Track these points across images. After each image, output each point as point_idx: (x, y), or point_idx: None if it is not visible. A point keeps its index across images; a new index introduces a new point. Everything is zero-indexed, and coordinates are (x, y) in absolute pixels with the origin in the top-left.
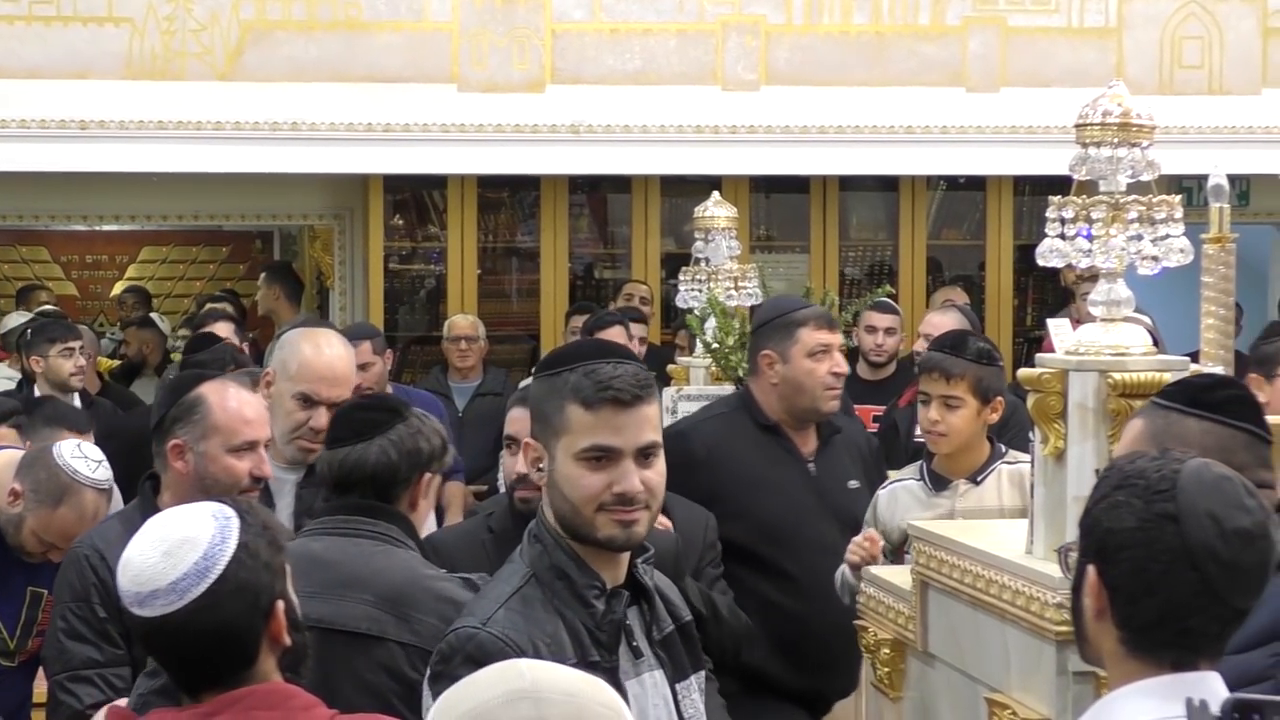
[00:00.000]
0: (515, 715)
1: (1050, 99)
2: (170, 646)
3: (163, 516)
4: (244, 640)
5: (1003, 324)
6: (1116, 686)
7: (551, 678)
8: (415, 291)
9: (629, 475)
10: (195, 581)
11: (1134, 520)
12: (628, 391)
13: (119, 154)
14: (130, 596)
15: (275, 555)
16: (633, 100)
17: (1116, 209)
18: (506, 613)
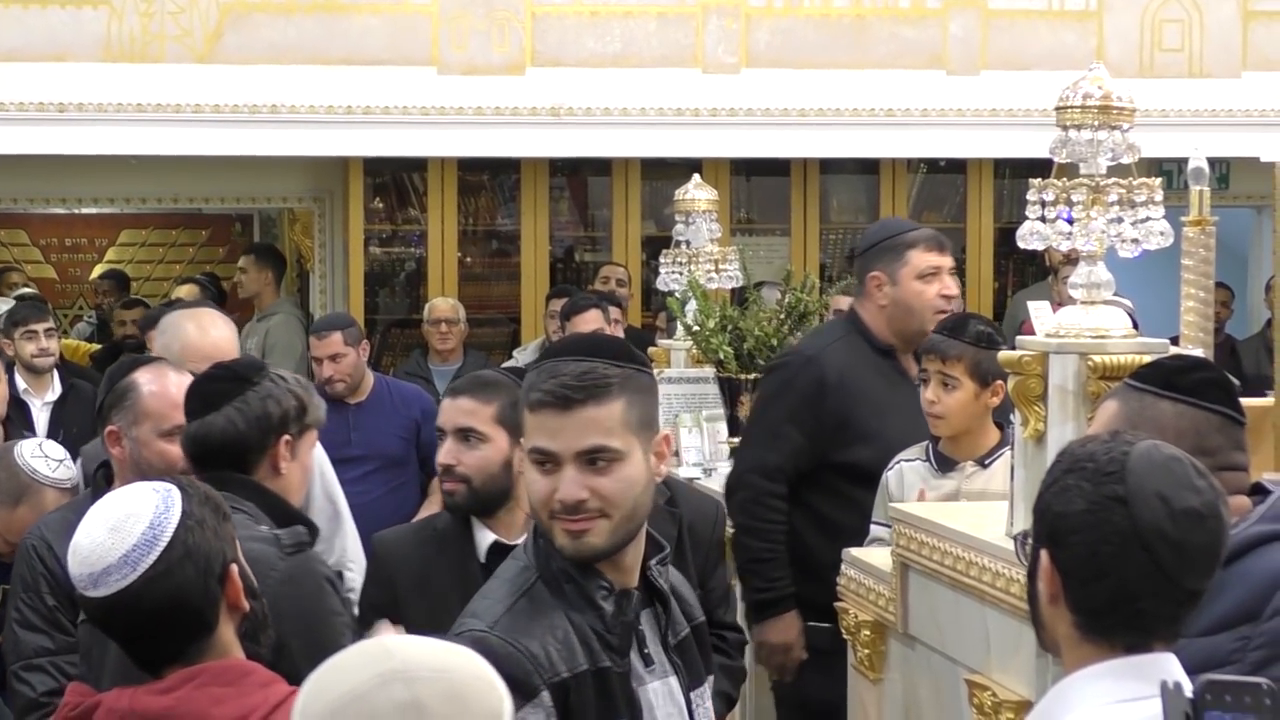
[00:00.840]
0: (389, 697)
1: (1030, 82)
2: (128, 623)
3: (104, 500)
4: (201, 606)
5: (983, 306)
6: (1072, 671)
7: (421, 655)
8: (395, 274)
9: (567, 482)
10: (145, 551)
11: (1083, 503)
12: (560, 393)
13: (98, 136)
14: (84, 580)
15: (221, 522)
16: (613, 83)
17: (1097, 191)
18: (513, 616)
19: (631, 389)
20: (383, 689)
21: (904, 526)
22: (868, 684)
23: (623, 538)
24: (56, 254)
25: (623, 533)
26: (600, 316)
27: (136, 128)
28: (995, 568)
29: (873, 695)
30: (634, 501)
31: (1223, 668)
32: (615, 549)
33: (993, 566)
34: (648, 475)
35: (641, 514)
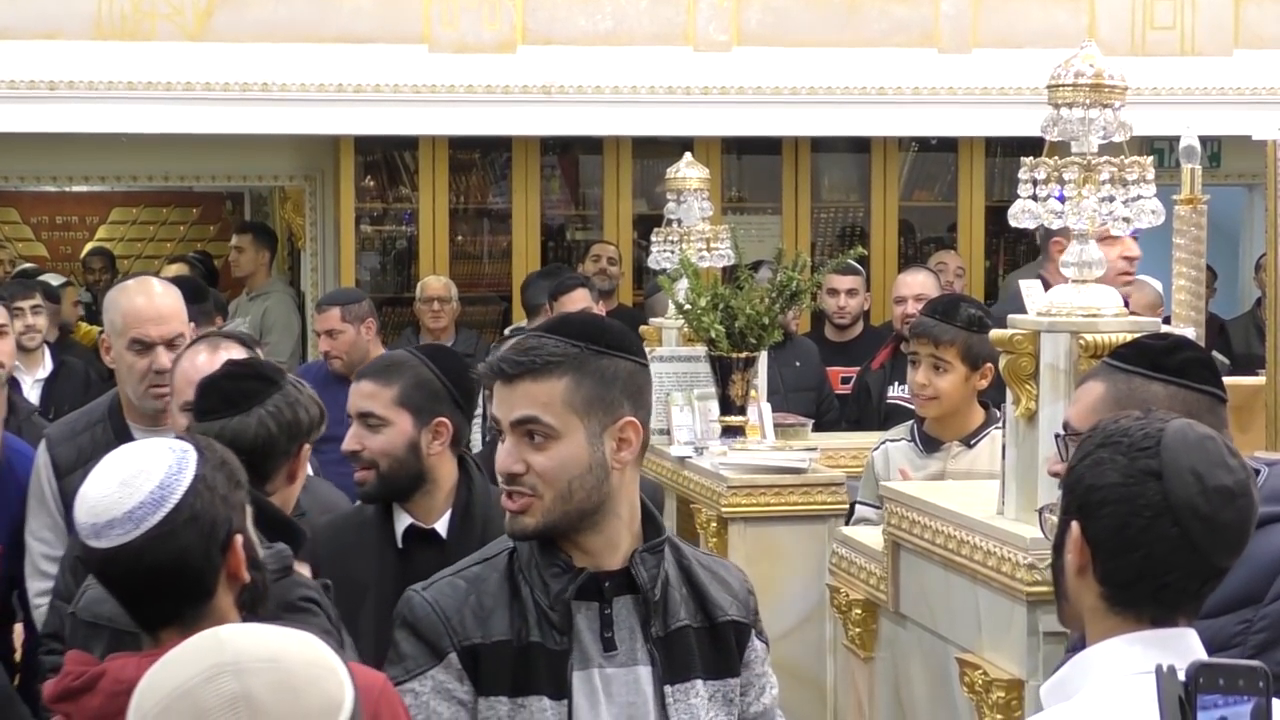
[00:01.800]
0: (217, 691)
1: (1022, 60)
2: (126, 578)
3: (119, 451)
4: (201, 572)
5: (974, 285)
6: (1096, 642)
7: (254, 644)
8: (387, 253)
9: (503, 452)
10: (151, 510)
11: (1117, 476)
12: (498, 366)
13: (89, 115)
14: (87, 529)
15: (233, 490)
16: (604, 61)
17: (1089, 170)
18: (452, 580)
19: (583, 370)
20: (210, 683)
21: (895, 505)
22: (859, 662)
23: (560, 520)
24: (47, 232)
25: (558, 515)
26: (588, 295)
27: (128, 106)
28: (987, 547)
29: (864, 673)
30: (569, 484)
31: (1225, 650)
32: (551, 531)
33: (984, 545)
34: (591, 459)
35: (581, 499)
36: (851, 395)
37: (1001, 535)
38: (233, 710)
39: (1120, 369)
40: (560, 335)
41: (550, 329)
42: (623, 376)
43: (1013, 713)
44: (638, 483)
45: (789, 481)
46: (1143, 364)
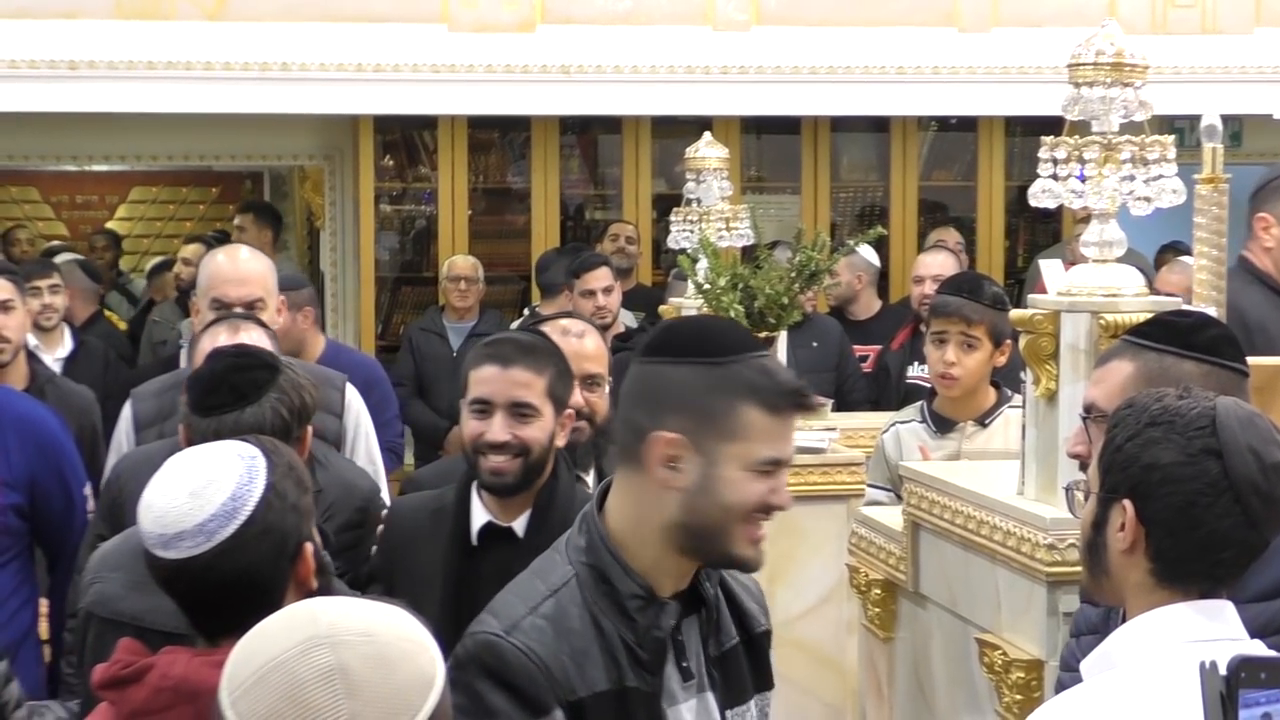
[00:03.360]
0: (312, 664)
1: (1043, 39)
2: (193, 590)
3: (184, 456)
4: (269, 584)
5: (994, 265)
6: (1139, 615)
7: (348, 618)
8: (406, 232)
9: (785, 486)
10: (223, 523)
11: (1176, 455)
12: (807, 398)
13: (108, 94)
14: (154, 539)
15: (301, 496)
16: (624, 40)
17: (1109, 149)
18: (535, 621)
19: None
20: (306, 655)
21: (915, 485)
22: (878, 642)
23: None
24: (67, 211)
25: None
26: (610, 274)
27: (147, 85)
28: (1006, 527)
29: (883, 654)
30: None
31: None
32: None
33: (1004, 526)
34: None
35: None
36: (871, 375)
37: (1021, 515)
38: (328, 682)
39: (1149, 347)
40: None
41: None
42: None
43: (1032, 693)
44: None
45: (808, 461)
46: (1172, 342)
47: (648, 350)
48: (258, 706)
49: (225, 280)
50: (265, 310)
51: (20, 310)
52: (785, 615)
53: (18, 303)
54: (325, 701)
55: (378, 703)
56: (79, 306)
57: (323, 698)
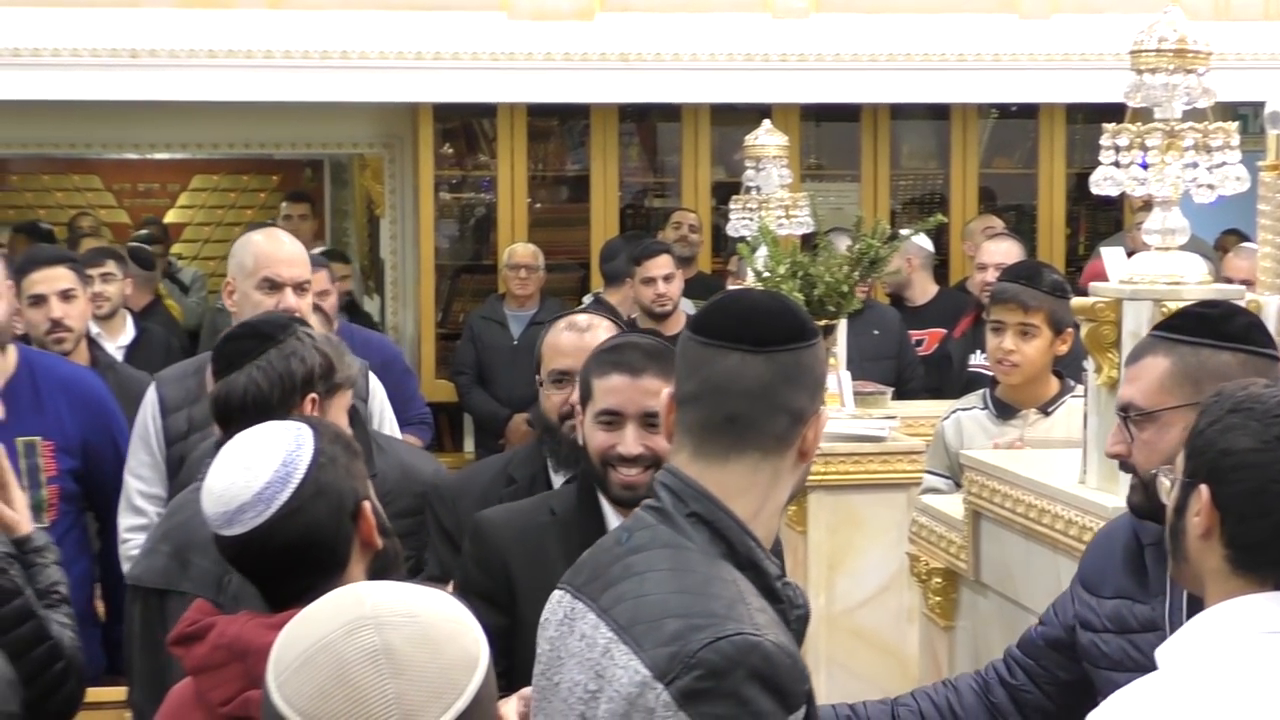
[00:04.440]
0: (358, 645)
1: (1104, 25)
2: (262, 559)
3: (235, 441)
4: (334, 543)
5: (1055, 253)
6: (1217, 603)
7: (392, 600)
8: (465, 220)
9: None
10: (279, 489)
11: (1252, 441)
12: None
13: (170, 82)
14: (218, 519)
15: (352, 460)
16: (683, 28)
17: (1172, 136)
18: (766, 618)
19: None
20: (351, 636)
21: (976, 474)
22: (939, 631)
23: None
24: (129, 199)
25: None
26: (670, 261)
27: (208, 73)
28: (1068, 515)
29: (944, 642)
30: None
31: None
32: None
33: (1065, 514)
34: None
35: None
36: (932, 363)
37: (1083, 504)
38: (373, 663)
39: (1182, 341)
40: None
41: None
42: None
43: None
44: None
45: (868, 450)
46: (1206, 334)
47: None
48: (305, 688)
49: (278, 260)
50: (309, 293)
51: (81, 299)
52: (845, 604)
53: (79, 291)
54: (371, 681)
55: (423, 682)
56: (136, 295)
57: (369, 677)
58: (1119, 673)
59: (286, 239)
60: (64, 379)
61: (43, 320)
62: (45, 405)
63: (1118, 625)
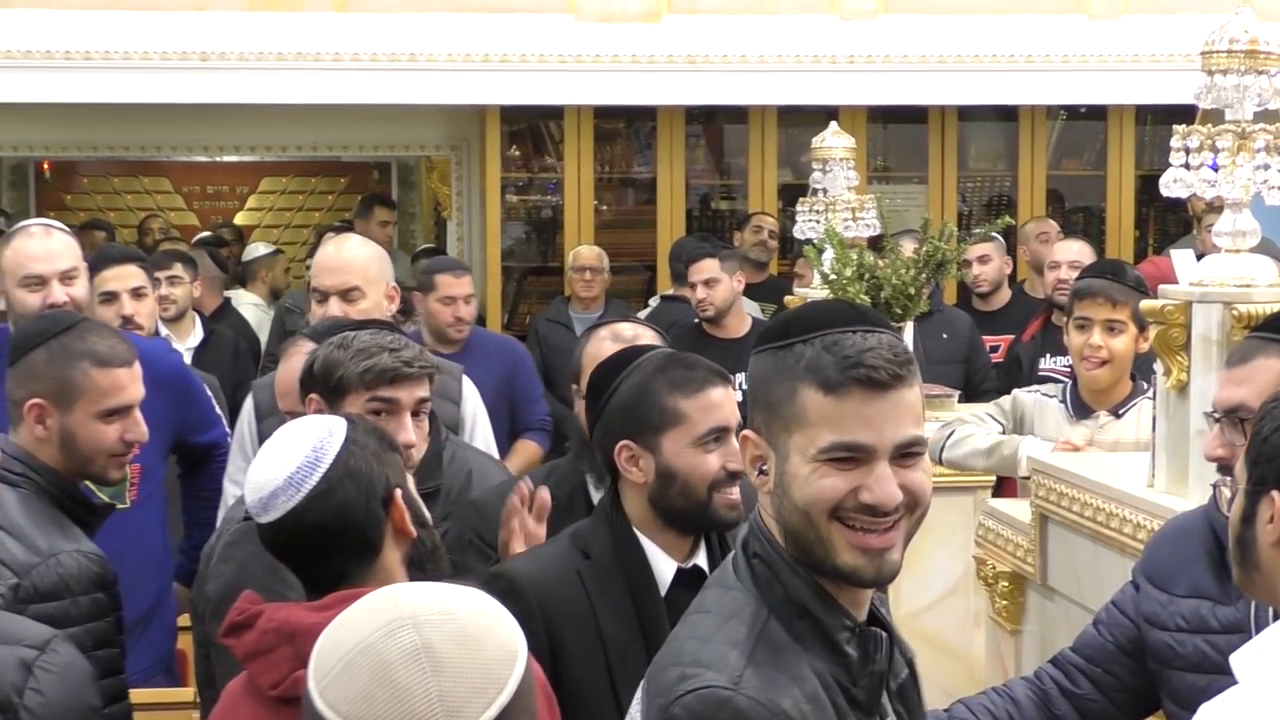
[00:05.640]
0: (398, 645)
1: (1175, 26)
2: (296, 542)
3: (274, 435)
4: (364, 526)
5: (1123, 255)
6: None
7: (428, 599)
8: (532, 222)
9: (883, 479)
10: (309, 472)
11: None
12: (884, 370)
13: (239, 85)
14: (256, 506)
15: (385, 450)
16: (750, 30)
17: (1243, 138)
18: (757, 669)
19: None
20: (391, 637)
21: (1043, 478)
22: (1006, 635)
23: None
24: (199, 201)
25: (906, 542)
26: (717, 266)
27: (277, 76)
28: (1137, 519)
29: (1010, 646)
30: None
31: None
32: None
33: (1134, 518)
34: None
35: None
36: (1002, 368)
37: (1151, 508)
38: (415, 662)
39: None
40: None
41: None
42: None
43: None
44: None
45: None
46: None
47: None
48: (348, 691)
49: (323, 270)
50: (364, 299)
51: (151, 298)
52: (911, 607)
53: (149, 290)
54: (414, 680)
55: (464, 678)
56: (208, 296)
57: (411, 677)
58: (1196, 674)
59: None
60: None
61: (114, 317)
62: None
63: (1195, 625)
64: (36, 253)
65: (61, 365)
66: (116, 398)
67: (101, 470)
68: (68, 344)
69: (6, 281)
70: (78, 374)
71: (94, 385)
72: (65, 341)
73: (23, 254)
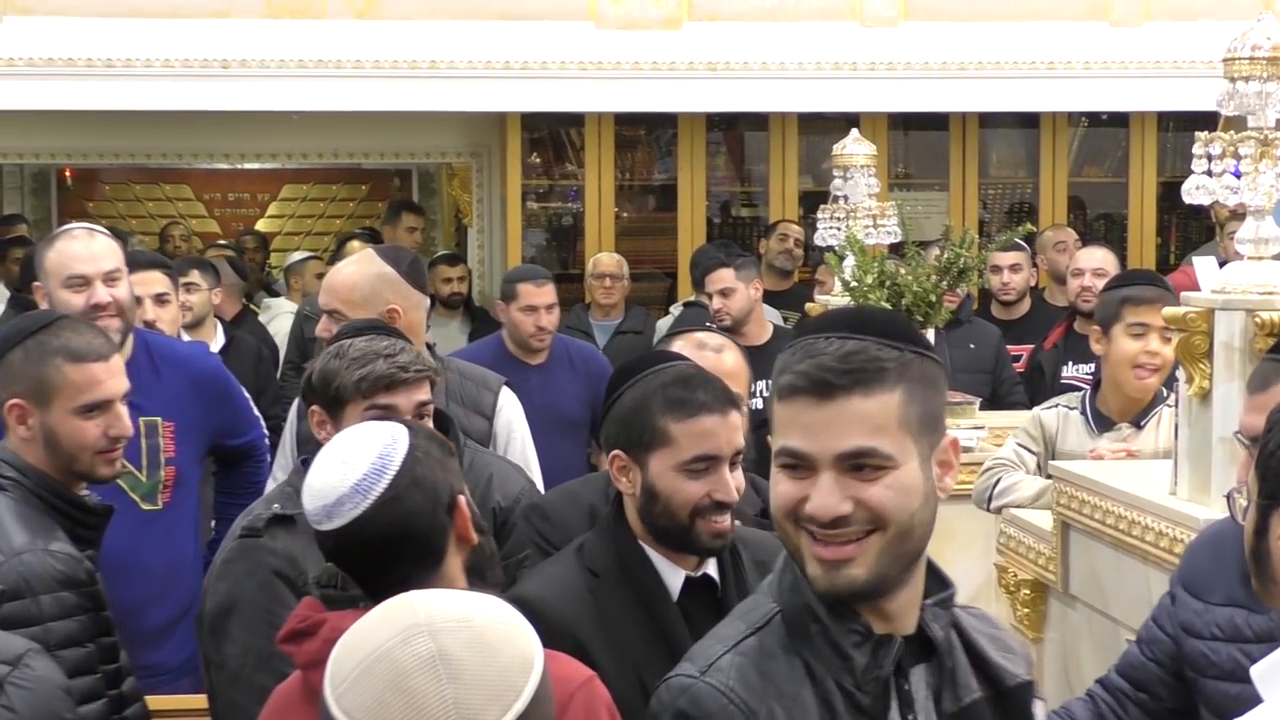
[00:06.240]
0: (414, 652)
1: (1196, 33)
2: (360, 551)
3: (334, 440)
4: (429, 534)
5: (1145, 262)
6: None
7: (445, 606)
8: (552, 229)
9: (821, 490)
10: (375, 480)
11: None
12: (818, 375)
13: (260, 92)
14: (318, 514)
15: (447, 457)
16: (770, 37)
17: (1265, 145)
18: (735, 659)
19: (912, 378)
20: (407, 644)
21: (1065, 485)
22: (1027, 643)
23: (893, 569)
24: (220, 208)
25: (891, 561)
26: (732, 275)
27: (298, 84)
28: (1159, 527)
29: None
30: (911, 519)
31: None
32: (882, 583)
33: (1156, 526)
34: (925, 489)
35: (920, 538)
36: (1025, 374)
37: (1174, 515)
38: (431, 669)
39: None
40: (875, 335)
41: (857, 326)
42: (940, 383)
43: None
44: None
45: None
46: None
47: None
48: (364, 699)
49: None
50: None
51: (174, 304)
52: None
53: (172, 296)
54: (429, 688)
55: (480, 686)
56: (227, 303)
57: (426, 684)
58: (1229, 683)
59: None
60: (182, 359)
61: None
62: (165, 386)
63: (1230, 634)
64: (80, 254)
65: (37, 363)
66: (93, 393)
67: (89, 468)
68: (43, 341)
69: (50, 283)
70: (52, 371)
71: (69, 381)
72: (40, 339)
73: (66, 255)
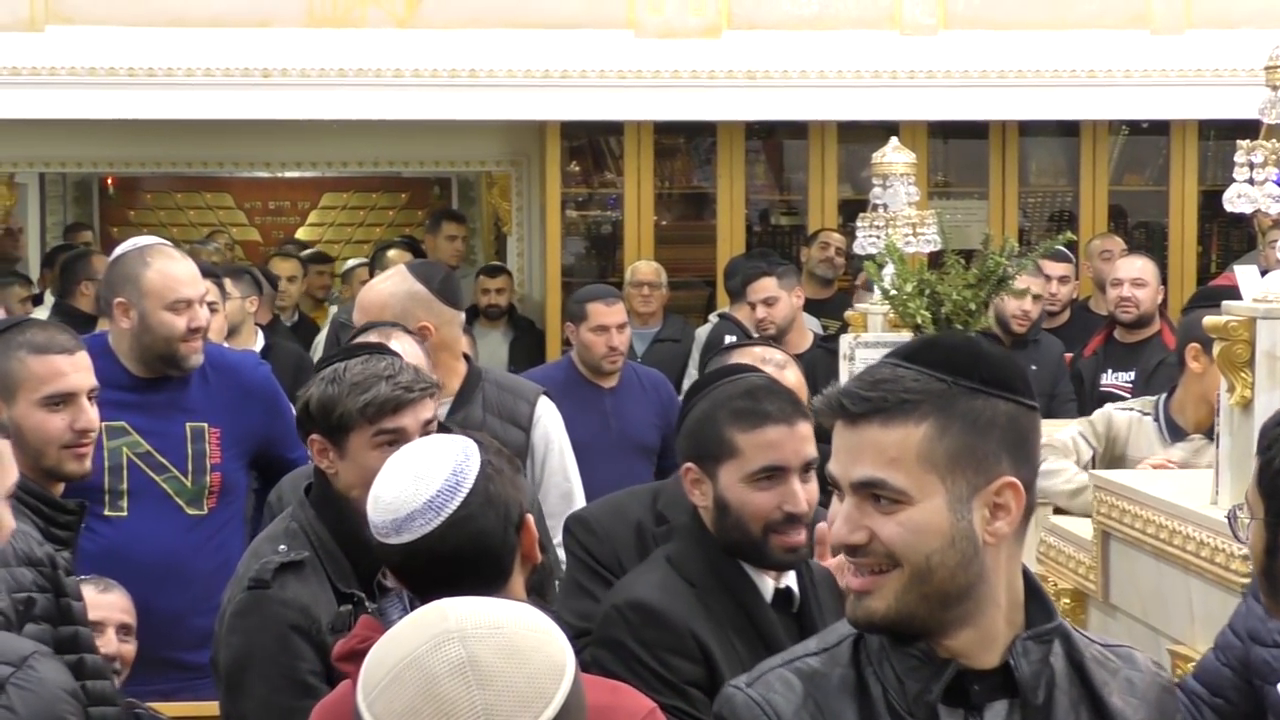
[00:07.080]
0: (444, 658)
1: (1238, 41)
2: (428, 568)
3: (401, 453)
4: (499, 553)
5: (1186, 271)
6: None
7: (476, 613)
8: (592, 237)
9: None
10: (449, 497)
11: None
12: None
13: (300, 101)
14: (386, 527)
15: (516, 474)
16: (810, 45)
17: None
18: (783, 674)
19: (949, 412)
20: (437, 651)
21: (1105, 494)
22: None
23: (918, 606)
24: (260, 216)
25: (915, 599)
26: (775, 284)
27: (338, 92)
28: (1200, 537)
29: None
30: (928, 559)
31: None
32: (907, 619)
33: (1198, 535)
34: (954, 529)
35: (944, 579)
36: None
37: (1215, 525)
38: (461, 675)
39: None
40: (922, 364)
41: (910, 355)
42: (1001, 423)
43: None
44: (1020, 560)
45: None
46: None
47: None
48: (394, 705)
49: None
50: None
51: (220, 313)
52: None
53: (220, 305)
54: (459, 694)
55: (510, 692)
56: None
57: (456, 690)
58: None
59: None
60: (232, 366)
61: None
62: (214, 393)
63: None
64: (184, 277)
65: (1, 359)
66: (55, 384)
67: (56, 463)
68: (8, 339)
69: (148, 302)
70: (14, 363)
71: (31, 373)
72: (6, 337)
73: (171, 278)
